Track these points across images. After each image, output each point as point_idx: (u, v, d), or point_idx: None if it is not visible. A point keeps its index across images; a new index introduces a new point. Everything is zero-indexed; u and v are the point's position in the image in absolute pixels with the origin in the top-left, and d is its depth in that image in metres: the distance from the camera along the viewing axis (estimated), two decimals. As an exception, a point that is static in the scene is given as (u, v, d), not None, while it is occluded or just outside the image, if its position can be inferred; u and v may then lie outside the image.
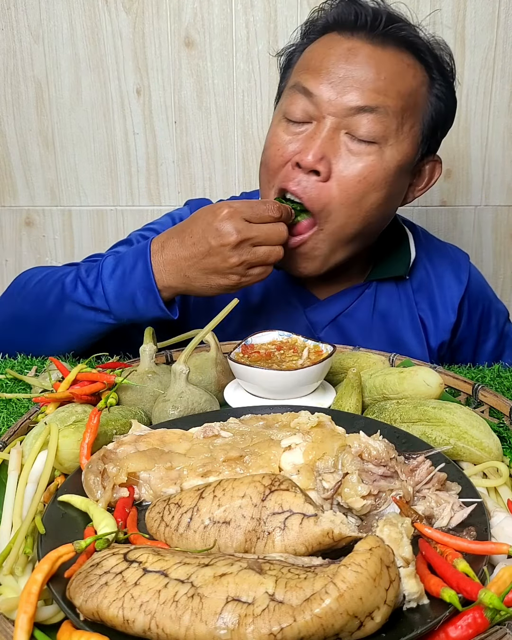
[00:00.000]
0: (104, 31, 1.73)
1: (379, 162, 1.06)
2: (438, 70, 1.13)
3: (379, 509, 0.66)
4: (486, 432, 0.81)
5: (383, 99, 1.04)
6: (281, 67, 1.20)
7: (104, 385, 0.92)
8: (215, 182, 1.84)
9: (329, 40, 1.09)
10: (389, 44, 1.07)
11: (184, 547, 0.62)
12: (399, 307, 1.27)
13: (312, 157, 1.04)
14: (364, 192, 1.07)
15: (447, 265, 1.31)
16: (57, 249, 1.92)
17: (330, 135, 1.05)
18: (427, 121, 1.12)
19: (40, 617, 0.57)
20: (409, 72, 1.08)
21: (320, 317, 1.25)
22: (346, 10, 1.08)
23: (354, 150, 1.06)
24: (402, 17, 1.12)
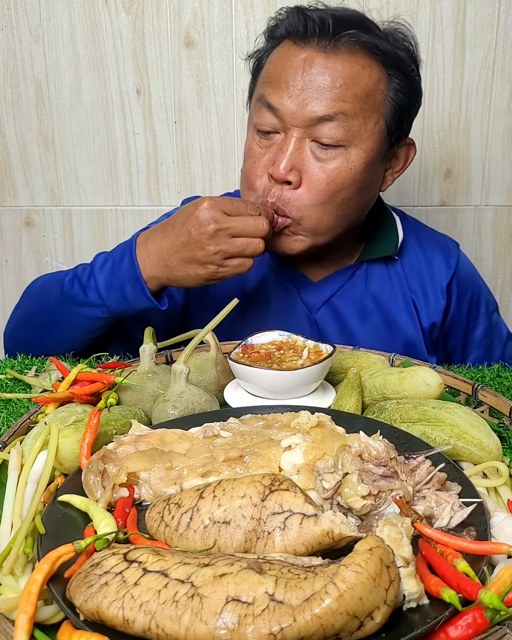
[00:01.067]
0: (104, 31, 1.73)
1: (345, 163, 1.12)
2: (393, 65, 1.15)
3: (379, 509, 0.66)
4: (486, 432, 0.81)
5: (341, 105, 1.10)
6: (252, 70, 1.25)
7: (104, 385, 0.92)
8: (215, 182, 1.84)
9: (286, 50, 1.14)
10: (340, 49, 1.11)
11: (184, 547, 0.62)
12: (391, 287, 1.32)
13: (283, 169, 1.11)
14: (333, 192, 1.13)
15: (437, 250, 1.35)
16: (57, 249, 1.92)
17: (297, 145, 1.12)
18: (390, 114, 1.16)
19: (40, 617, 0.57)
20: (363, 73, 1.11)
21: (314, 299, 1.30)
22: (295, 21, 1.13)
23: (320, 157, 1.12)
24: (352, 15, 1.16)
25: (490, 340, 1.39)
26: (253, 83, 1.23)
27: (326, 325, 1.31)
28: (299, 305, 1.30)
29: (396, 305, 1.32)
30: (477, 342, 1.38)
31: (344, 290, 1.31)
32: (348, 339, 1.29)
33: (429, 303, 1.32)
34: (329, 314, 1.30)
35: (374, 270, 1.32)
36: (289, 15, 1.15)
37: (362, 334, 1.31)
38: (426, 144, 1.79)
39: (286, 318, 1.30)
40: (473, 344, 1.38)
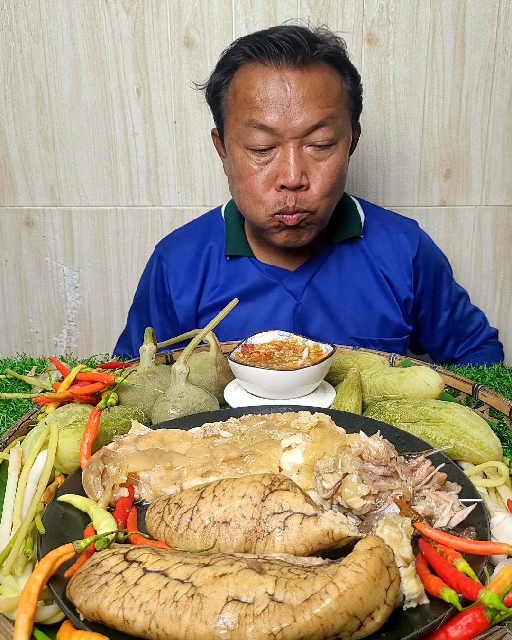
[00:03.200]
0: (104, 31, 1.73)
1: (338, 156, 1.28)
2: (346, 66, 1.30)
3: (379, 509, 0.66)
4: (486, 432, 0.81)
5: (327, 111, 1.23)
6: (209, 99, 1.35)
7: (104, 385, 0.92)
8: (215, 182, 1.84)
9: (260, 74, 1.24)
10: (308, 63, 1.23)
11: (184, 547, 0.62)
12: (361, 264, 1.45)
13: (294, 177, 1.23)
14: (335, 183, 1.29)
15: (399, 229, 1.49)
16: (57, 249, 1.92)
17: (297, 153, 1.24)
18: (352, 106, 1.32)
19: (40, 617, 0.57)
20: (332, 79, 1.26)
21: (296, 285, 1.44)
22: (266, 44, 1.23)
23: (319, 157, 1.26)
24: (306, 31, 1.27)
25: (454, 302, 1.56)
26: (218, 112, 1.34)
27: (310, 306, 1.44)
28: (284, 293, 1.43)
29: (369, 280, 1.45)
30: (445, 306, 1.54)
31: (320, 273, 1.44)
32: (331, 316, 1.44)
33: (399, 277, 1.46)
34: (312, 296, 1.44)
35: (344, 251, 1.46)
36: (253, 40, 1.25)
37: (343, 310, 1.44)
38: (426, 144, 1.79)
39: (275, 307, 1.43)
40: (441, 308, 1.54)
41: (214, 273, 1.46)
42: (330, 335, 1.42)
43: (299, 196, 1.25)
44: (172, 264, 1.48)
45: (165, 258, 1.50)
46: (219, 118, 1.35)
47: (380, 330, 1.44)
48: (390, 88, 1.73)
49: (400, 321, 1.46)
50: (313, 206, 1.27)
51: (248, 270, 1.44)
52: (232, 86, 1.29)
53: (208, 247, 1.48)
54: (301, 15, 1.69)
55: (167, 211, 1.87)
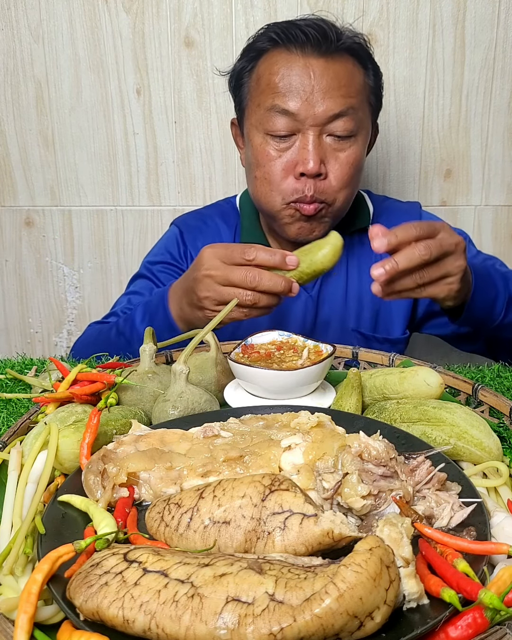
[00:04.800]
0: (104, 31, 1.73)
1: (357, 148, 1.29)
2: (369, 60, 1.32)
3: (379, 509, 0.66)
4: (486, 432, 0.81)
5: (349, 101, 1.25)
6: (231, 88, 1.37)
7: (104, 385, 0.92)
8: (215, 182, 1.85)
9: (285, 60, 1.25)
10: (333, 54, 1.25)
11: (184, 547, 0.62)
12: (367, 257, 1.45)
13: (314, 164, 1.24)
14: (353, 174, 1.30)
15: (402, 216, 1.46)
16: (57, 249, 1.92)
17: (317, 142, 1.25)
18: (373, 101, 1.34)
19: (40, 617, 0.57)
20: (355, 71, 1.28)
21: None
22: (293, 30, 1.25)
23: (338, 147, 1.27)
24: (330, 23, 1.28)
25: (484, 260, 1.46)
26: (240, 98, 1.34)
27: (320, 298, 1.45)
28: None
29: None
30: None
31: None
32: (337, 310, 1.46)
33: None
34: (323, 289, 1.45)
35: (353, 242, 1.46)
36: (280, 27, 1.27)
37: (347, 304, 1.45)
38: (426, 144, 1.79)
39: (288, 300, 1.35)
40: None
41: None
42: (335, 328, 1.43)
43: (318, 185, 1.26)
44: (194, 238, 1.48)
45: (187, 231, 1.49)
46: (240, 105, 1.35)
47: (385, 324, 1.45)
48: (390, 88, 1.73)
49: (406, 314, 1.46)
50: (331, 197, 1.28)
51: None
52: (256, 72, 1.30)
53: (221, 231, 1.48)
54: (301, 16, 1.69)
55: (167, 211, 1.87)
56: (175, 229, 1.52)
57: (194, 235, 1.49)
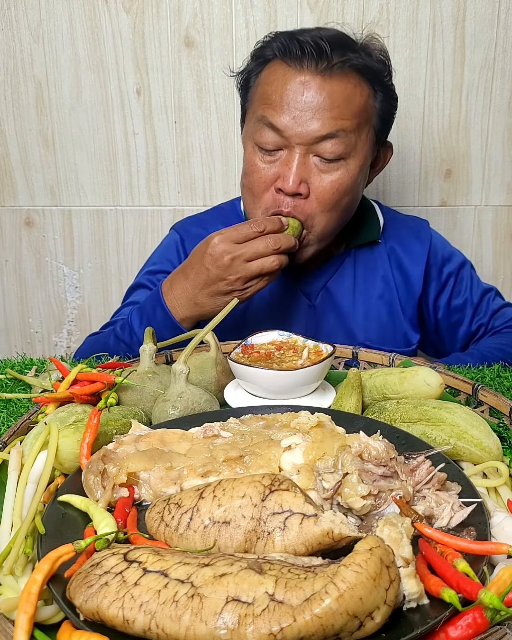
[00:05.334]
0: (104, 31, 1.73)
1: (346, 173, 1.22)
2: (377, 79, 1.24)
3: (379, 509, 0.66)
4: (486, 432, 0.81)
5: (341, 123, 1.19)
6: (239, 88, 1.34)
7: (104, 385, 0.92)
8: (215, 182, 1.84)
9: (282, 73, 1.21)
10: (334, 71, 1.19)
11: (184, 547, 0.62)
12: (375, 270, 1.43)
13: (292, 183, 1.20)
14: (338, 200, 1.24)
15: (410, 232, 1.47)
16: (57, 249, 1.92)
17: (302, 160, 1.20)
18: (377, 123, 1.27)
19: (40, 617, 0.57)
20: (356, 92, 1.21)
21: (311, 287, 1.42)
22: (291, 44, 1.20)
23: (324, 169, 1.21)
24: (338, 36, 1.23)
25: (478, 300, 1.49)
26: (244, 100, 1.32)
27: (323, 309, 1.42)
28: (298, 294, 1.41)
29: (380, 287, 1.43)
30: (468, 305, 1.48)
31: (336, 276, 1.42)
32: (342, 321, 1.42)
33: (410, 281, 1.43)
34: (326, 299, 1.42)
35: (360, 255, 1.44)
36: (282, 38, 1.22)
37: (354, 316, 1.42)
38: (426, 144, 1.79)
39: (288, 307, 1.41)
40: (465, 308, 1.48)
41: None
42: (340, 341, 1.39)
43: (297, 204, 1.22)
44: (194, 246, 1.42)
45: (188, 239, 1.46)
46: (243, 108, 1.33)
47: (390, 338, 1.42)
48: (390, 88, 1.73)
49: (410, 329, 1.43)
50: (309, 220, 1.23)
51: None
52: (258, 79, 1.27)
53: None
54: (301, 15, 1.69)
55: (167, 211, 1.87)
56: (175, 235, 1.49)
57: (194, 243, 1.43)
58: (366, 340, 1.39)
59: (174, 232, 1.50)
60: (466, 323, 1.49)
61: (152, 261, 1.52)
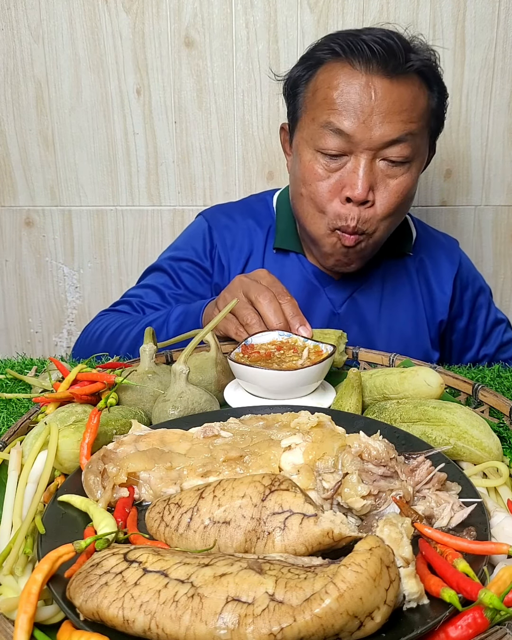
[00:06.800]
0: (104, 31, 1.73)
1: (410, 177, 1.22)
2: (436, 82, 1.23)
3: (379, 509, 0.66)
4: (486, 432, 0.81)
5: (410, 127, 1.17)
6: (287, 94, 1.29)
7: (104, 385, 0.92)
8: (215, 182, 1.85)
9: (346, 76, 1.17)
10: (401, 73, 1.16)
11: (184, 547, 0.62)
12: (403, 283, 1.41)
13: (362, 190, 1.17)
14: (401, 203, 1.23)
15: (440, 249, 1.45)
16: (57, 249, 1.92)
17: (369, 166, 1.18)
18: (433, 126, 1.26)
19: (40, 617, 0.57)
20: (420, 95, 1.19)
21: (338, 295, 1.39)
22: (358, 44, 1.15)
23: (390, 174, 1.20)
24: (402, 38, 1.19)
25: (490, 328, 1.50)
26: (296, 107, 1.26)
27: (347, 318, 1.39)
28: (324, 301, 1.39)
29: (406, 300, 1.40)
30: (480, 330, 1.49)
31: (364, 287, 1.40)
32: (365, 333, 1.40)
33: (437, 298, 1.41)
34: (351, 309, 1.39)
35: (390, 267, 1.41)
36: (345, 38, 1.17)
37: (378, 328, 1.39)
38: (426, 144, 1.79)
39: (313, 312, 1.37)
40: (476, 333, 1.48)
41: (258, 263, 1.39)
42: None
43: (363, 214, 1.19)
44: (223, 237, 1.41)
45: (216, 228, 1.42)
46: (294, 115, 1.28)
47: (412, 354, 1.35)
48: (390, 88, 1.73)
49: (428, 347, 1.41)
50: (373, 227, 1.21)
51: (294, 267, 1.38)
52: (313, 83, 1.21)
53: (251, 232, 1.41)
54: (301, 15, 1.69)
55: (167, 211, 1.87)
56: (203, 222, 1.44)
57: (223, 233, 1.41)
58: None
59: (202, 219, 1.46)
60: (474, 350, 1.49)
61: (175, 246, 1.47)
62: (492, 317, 1.49)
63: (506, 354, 1.50)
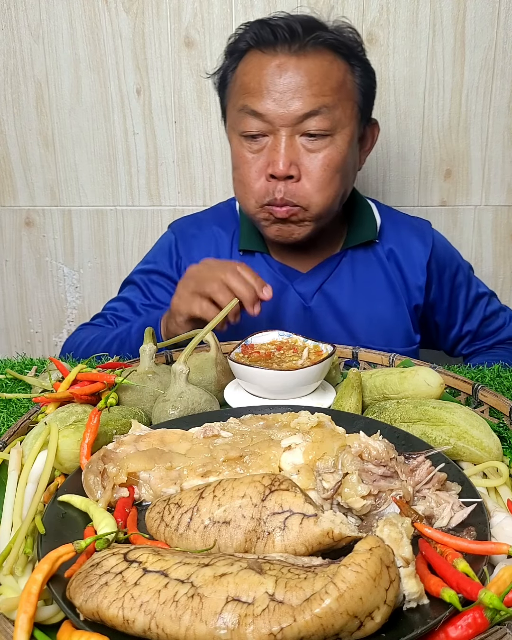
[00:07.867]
0: (104, 31, 1.73)
1: (335, 149, 1.23)
2: (352, 55, 1.26)
3: (379, 509, 0.66)
4: (486, 432, 0.81)
5: (322, 100, 1.20)
6: (217, 87, 1.35)
7: (104, 385, 0.92)
8: (215, 182, 1.85)
9: (257, 61, 1.23)
10: (308, 50, 1.21)
11: (184, 547, 0.62)
12: (374, 270, 1.41)
13: (282, 166, 1.20)
14: (330, 177, 1.24)
15: (412, 232, 1.45)
16: (57, 249, 1.92)
17: (288, 142, 1.21)
18: (360, 99, 1.28)
19: (40, 617, 0.57)
20: (332, 67, 1.22)
21: (307, 288, 1.40)
22: (263, 31, 1.22)
23: (311, 148, 1.22)
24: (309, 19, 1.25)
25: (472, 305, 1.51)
26: (223, 98, 1.33)
27: (320, 311, 1.40)
28: (293, 295, 1.39)
29: (381, 287, 1.41)
30: (461, 309, 1.49)
31: (333, 277, 1.40)
32: (342, 323, 1.40)
33: (412, 283, 1.42)
34: (322, 301, 1.40)
35: (358, 255, 1.42)
36: (254, 27, 1.24)
37: (354, 317, 1.40)
38: (426, 144, 1.79)
39: (284, 307, 1.39)
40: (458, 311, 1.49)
41: None
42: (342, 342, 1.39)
43: (289, 188, 1.22)
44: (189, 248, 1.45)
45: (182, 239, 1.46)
46: (223, 106, 1.34)
47: (391, 339, 1.41)
48: (390, 88, 1.73)
49: (410, 330, 1.42)
50: (304, 200, 1.23)
51: (261, 267, 1.40)
52: (235, 74, 1.28)
53: (217, 239, 1.44)
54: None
55: (167, 211, 1.87)
56: (170, 235, 1.49)
57: (189, 243, 1.46)
58: (369, 341, 1.38)
59: (170, 232, 1.50)
60: (456, 327, 1.50)
61: (146, 259, 1.52)
62: (474, 292, 1.50)
63: (489, 327, 1.51)
